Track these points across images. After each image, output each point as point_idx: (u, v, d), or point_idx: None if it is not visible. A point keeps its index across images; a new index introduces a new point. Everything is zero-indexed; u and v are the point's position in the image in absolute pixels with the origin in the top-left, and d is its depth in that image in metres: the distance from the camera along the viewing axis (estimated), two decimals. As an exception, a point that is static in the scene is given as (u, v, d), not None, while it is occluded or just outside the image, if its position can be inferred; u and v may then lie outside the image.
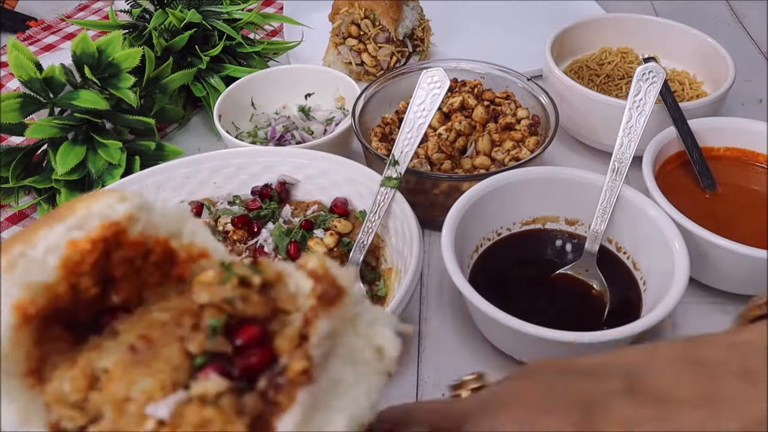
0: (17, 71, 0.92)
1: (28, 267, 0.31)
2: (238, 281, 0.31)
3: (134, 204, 0.34)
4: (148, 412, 0.28)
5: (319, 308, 0.31)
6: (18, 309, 0.30)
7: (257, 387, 0.30)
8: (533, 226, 0.87)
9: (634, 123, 0.84)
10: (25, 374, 0.31)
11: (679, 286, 0.69)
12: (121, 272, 0.33)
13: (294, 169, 0.90)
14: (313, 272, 0.32)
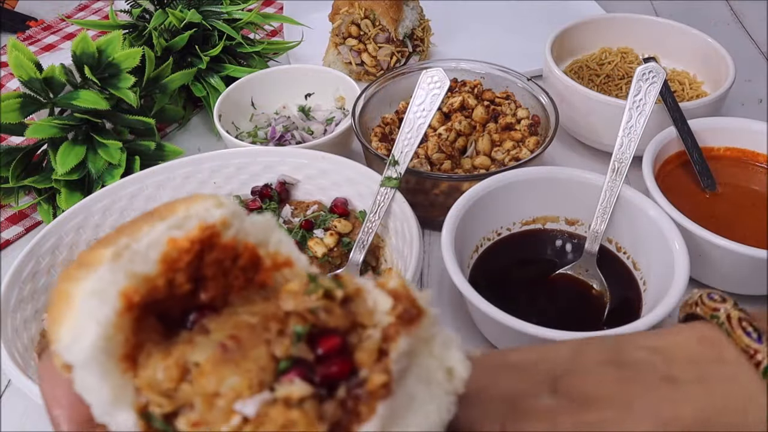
0: (17, 71, 0.92)
1: (132, 258, 0.33)
2: (323, 293, 0.33)
3: (229, 210, 0.36)
4: (236, 409, 0.30)
5: (400, 326, 0.32)
6: (123, 296, 0.32)
7: (337, 395, 0.31)
8: (533, 226, 0.87)
9: (634, 123, 0.84)
10: (121, 358, 0.32)
11: (679, 286, 0.69)
12: (211, 273, 0.35)
13: (294, 169, 0.90)
14: (393, 291, 0.34)
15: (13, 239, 0.96)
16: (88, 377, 0.32)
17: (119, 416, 0.32)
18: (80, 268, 0.33)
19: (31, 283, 0.78)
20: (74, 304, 0.32)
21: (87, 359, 0.31)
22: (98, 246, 0.34)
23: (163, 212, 0.35)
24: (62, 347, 0.32)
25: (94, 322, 0.31)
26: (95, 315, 0.31)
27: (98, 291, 0.32)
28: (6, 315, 0.72)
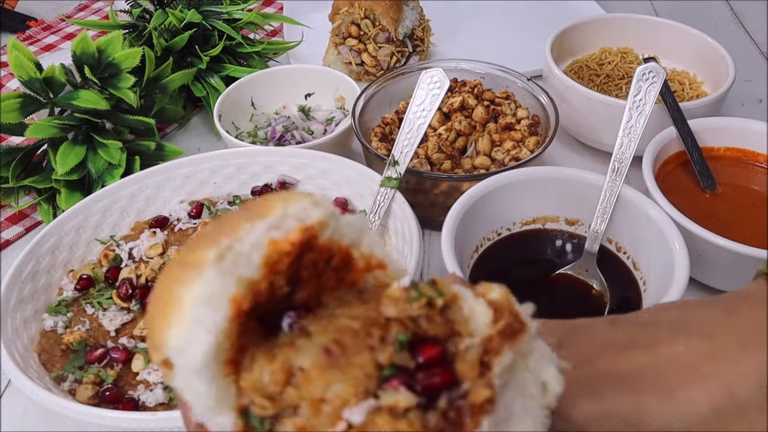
0: (17, 71, 0.92)
1: (236, 261, 0.33)
2: (425, 302, 0.33)
3: (326, 211, 0.35)
4: (344, 416, 0.30)
5: (503, 340, 0.33)
6: (234, 302, 0.32)
7: (438, 406, 0.31)
8: (533, 226, 0.87)
9: (634, 123, 0.84)
10: (226, 362, 0.33)
11: (679, 286, 0.69)
12: (308, 273, 0.35)
13: (294, 169, 0.90)
14: (495, 303, 0.34)
15: (13, 239, 0.96)
16: (197, 382, 0.32)
17: (218, 418, 0.33)
18: (184, 268, 0.33)
19: (31, 283, 0.78)
20: (184, 307, 0.32)
21: (199, 367, 0.32)
22: (198, 245, 0.34)
23: (260, 210, 0.35)
24: (172, 351, 0.32)
25: (206, 331, 0.31)
26: (207, 323, 0.31)
27: (209, 298, 0.32)
28: (6, 315, 0.72)
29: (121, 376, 0.71)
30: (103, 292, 0.79)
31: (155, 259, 0.82)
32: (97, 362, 0.72)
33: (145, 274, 0.80)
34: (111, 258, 0.83)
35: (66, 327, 0.76)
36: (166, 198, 0.90)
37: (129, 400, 0.68)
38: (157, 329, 0.33)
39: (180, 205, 0.89)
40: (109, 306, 0.78)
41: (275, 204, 0.35)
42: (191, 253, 0.34)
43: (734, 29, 1.39)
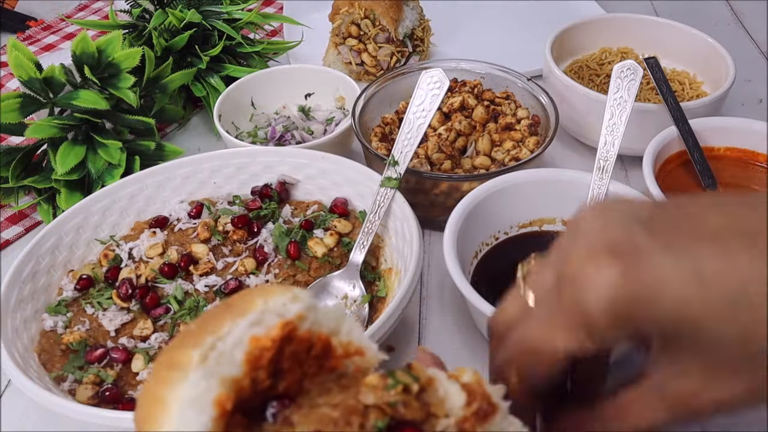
0: (17, 71, 0.92)
1: (219, 360, 0.35)
2: (401, 389, 0.35)
3: (305, 305, 0.38)
4: None
5: (475, 422, 0.35)
6: (218, 404, 0.34)
7: None
8: (530, 229, 0.87)
9: (616, 120, 0.84)
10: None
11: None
12: (289, 364, 0.37)
13: (294, 169, 0.90)
14: (468, 387, 0.36)
15: (12, 239, 0.96)
16: None
17: None
18: (170, 369, 0.35)
19: (31, 283, 0.78)
20: (170, 410, 0.33)
21: None
22: (183, 344, 0.36)
23: (240, 306, 0.37)
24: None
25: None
26: (193, 425, 0.33)
27: (194, 400, 0.33)
28: (6, 315, 0.72)
29: (121, 376, 0.71)
30: (103, 292, 0.79)
31: (155, 259, 0.82)
32: (97, 362, 0.72)
33: (145, 274, 0.80)
34: (111, 258, 0.83)
35: (66, 327, 0.76)
36: (166, 198, 0.90)
37: (129, 400, 0.68)
38: (145, 426, 0.35)
39: (180, 205, 0.89)
40: (109, 306, 0.78)
41: (256, 300, 0.37)
42: (177, 352, 0.35)
43: (734, 29, 1.39)
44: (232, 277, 0.78)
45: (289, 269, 0.81)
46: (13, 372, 0.65)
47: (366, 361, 0.40)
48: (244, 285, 0.78)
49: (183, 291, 0.78)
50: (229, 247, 0.84)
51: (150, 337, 0.74)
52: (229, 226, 0.85)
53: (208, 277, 0.80)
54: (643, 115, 0.95)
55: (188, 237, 0.85)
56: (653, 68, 0.99)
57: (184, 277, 0.80)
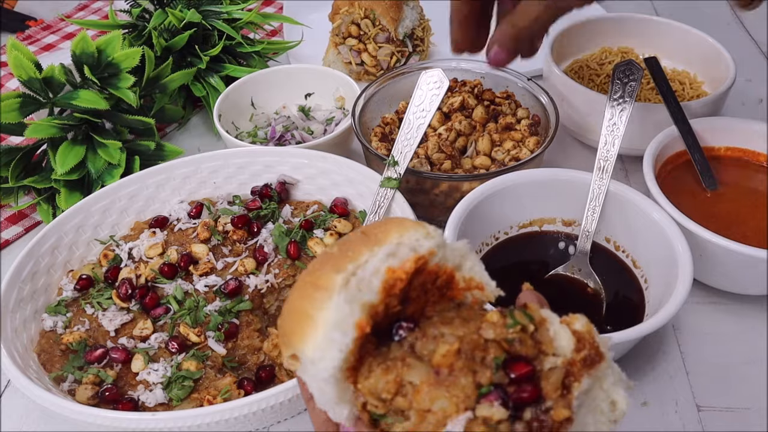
0: (17, 71, 0.91)
1: (360, 287, 0.40)
2: (519, 328, 0.39)
3: (437, 242, 0.42)
4: (447, 429, 0.37)
5: (583, 368, 0.39)
6: (359, 327, 0.39)
7: (524, 417, 0.37)
8: (530, 229, 0.87)
9: (616, 120, 0.84)
10: (348, 370, 0.40)
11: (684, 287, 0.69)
12: (416, 293, 0.42)
13: (294, 169, 0.90)
14: (578, 333, 0.40)
15: (12, 239, 0.96)
16: (324, 385, 0.40)
17: (337, 408, 0.41)
18: (316, 290, 0.40)
19: (31, 283, 0.78)
20: (318, 329, 0.39)
21: (328, 377, 0.39)
22: (327, 267, 0.41)
23: (378, 236, 0.42)
24: (306, 358, 0.40)
25: (337, 350, 0.39)
26: (338, 344, 0.39)
27: (339, 323, 0.39)
28: (6, 315, 0.72)
29: (120, 376, 0.71)
30: (102, 292, 0.79)
31: (155, 259, 0.82)
32: (97, 362, 0.72)
33: (145, 274, 0.80)
34: (111, 258, 0.83)
35: (66, 327, 0.76)
36: (165, 198, 0.90)
37: (128, 400, 0.68)
38: (294, 337, 0.40)
39: (180, 205, 0.89)
40: (109, 306, 0.78)
41: (392, 232, 0.42)
42: (321, 274, 0.41)
43: (734, 29, 1.39)
44: (232, 277, 0.78)
45: (289, 269, 0.81)
46: (13, 372, 0.65)
47: (484, 295, 0.44)
48: (244, 285, 0.78)
49: (183, 291, 0.78)
50: (229, 247, 0.84)
51: (150, 337, 0.74)
52: (229, 226, 0.84)
53: (208, 277, 0.80)
54: (643, 115, 0.95)
55: (188, 237, 0.85)
56: (653, 68, 0.99)
57: (184, 277, 0.80)
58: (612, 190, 0.81)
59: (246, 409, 0.61)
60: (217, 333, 0.73)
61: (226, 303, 0.76)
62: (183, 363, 0.70)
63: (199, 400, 0.68)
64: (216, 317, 0.74)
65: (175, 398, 0.68)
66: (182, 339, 0.73)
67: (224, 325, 0.74)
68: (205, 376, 0.70)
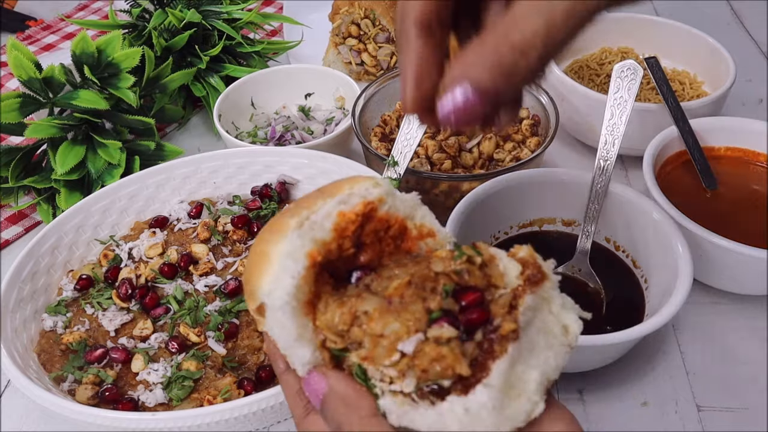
0: (17, 71, 0.91)
1: (312, 227, 0.42)
2: (465, 259, 0.41)
3: (384, 190, 0.45)
4: (398, 348, 0.39)
5: (527, 286, 0.41)
6: (310, 256, 0.41)
7: (475, 338, 0.39)
8: (530, 229, 0.87)
9: (616, 120, 0.84)
10: (305, 304, 0.42)
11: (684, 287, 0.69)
12: (369, 240, 0.44)
13: (294, 169, 0.90)
14: (522, 259, 0.42)
15: (12, 239, 0.96)
16: (282, 317, 0.41)
17: (299, 350, 0.42)
18: (272, 233, 0.43)
19: (31, 283, 0.77)
20: (272, 261, 0.42)
21: (283, 303, 0.41)
22: (283, 215, 0.44)
23: (331, 190, 0.44)
24: (263, 294, 0.42)
25: (289, 276, 0.41)
26: (290, 271, 0.41)
27: (291, 252, 0.41)
28: (6, 315, 0.72)
29: (120, 377, 0.71)
30: (102, 292, 0.79)
31: (155, 259, 0.82)
32: (97, 362, 0.72)
33: (145, 274, 0.80)
34: (111, 258, 0.83)
35: (66, 327, 0.76)
36: (165, 198, 0.89)
37: (128, 400, 0.68)
38: (253, 279, 0.43)
39: (180, 205, 0.89)
40: (109, 306, 0.78)
41: (344, 185, 0.45)
42: (278, 221, 0.43)
43: (734, 29, 1.39)
44: (232, 277, 0.78)
45: (289, 269, 0.80)
46: (13, 372, 0.65)
47: (437, 243, 0.46)
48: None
49: (183, 291, 0.78)
50: (229, 247, 0.84)
51: (150, 337, 0.74)
52: (229, 226, 0.84)
53: (208, 277, 0.79)
54: (643, 115, 0.95)
55: (188, 237, 0.85)
56: (653, 68, 0.99)
57: (184, 277, 0.80)
58: (612, 190, 0.81)
59: (246, 409, 0.61)
60: (217, 333, 0.73)
61: (226, 303, 0.76)
62: (183, 363, 0.70)
63: (199, 400, 0.68)
64: (216, 317, 0.74)
65: (175, 398, 0.68)
66: (182, 339, 0.73)
67: (224, 325, 0.74)
68: (205, 376, 0.70)
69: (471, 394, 0.38)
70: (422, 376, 0.38)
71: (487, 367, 0.38)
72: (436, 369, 0.38)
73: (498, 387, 0.38)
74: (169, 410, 0.67)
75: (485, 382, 0.38)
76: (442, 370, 0.38)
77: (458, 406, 0.38)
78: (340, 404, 0.41)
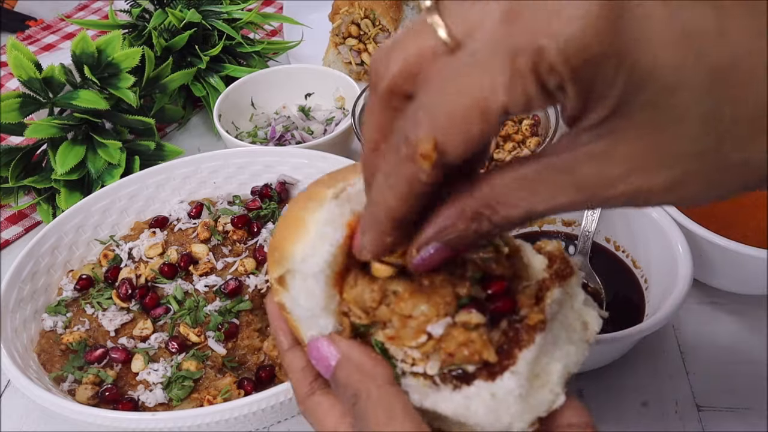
0: (17, 71, 0.91)
1: (350, 198, 0.42)
2: (493, 249, 0.41)
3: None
4: (427, 329, 0.39)
5: (555, 279, 0.41)
6: (349, 226, 0.41)
7: (501, 326, 0.40)
8: (530, 229, 0.87)
9: None
10: (337, 275, 0.41)
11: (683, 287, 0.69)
12: None
13: (294, 169, 0.90)
14: (550, 253, 0.43)
15: (12, 239, 0.96)
16: (313, 285, 0.41)
17: (322, 320, 0.42)
18: (308, 200, 0.42)
19: (31, 283, 0.77)
20: (309, 227, 0.41)
21: (318, 271, 0.40)
22: (319, 186, 0.43)
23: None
24: (296, 260, 0.41)
25: (328, 244, 0.40)
26: (329, 239, 0.40)
27: (330, 220, 0.41)
28: (6, 315, 0.72)
29: (120, 377, 0.71)
30: (102, 292, 0.79)
31: (155, 259, 0.82)
32: (97, 362, 0.72)
33: (145, 274, 0.80)
34: (111, 258, 0.83)
35: (65, 327, 0.76)
36: (165, 198, 0.90)
37: (128, 400, 0.68)
38: (285, 245, 0.41)
39: (180, 205, 0.89)
40: (109, 306, 0.78)
41: None
42: (314, 190, 0.43)
43: (734, 29, 1.39)
44: (232, 277, 0.78)
45: (289, 269, 0.81)
46: (13, 372, 0.65)
47: None
48: (244, 285, 0.78)
49: (183, 291, 0.78)
50: (229, 247, 0.84)
51: (150, 337, 0.74)
52: (229, 226, 0.84)
53: (208, 277, 0.79)
54: (643, 115, 0.95)
55: (188, 237, 0.85)
56: (653, 68, 0.99)
57: (184, 277, 0.80)
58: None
59: (246, 409, 0.61)
60: (217, 333, 0.73)
61: (226, 303, 0.76)
62: (183, 363, 0.70)
63: (199, 400, 0.68)
64: (216, 317, 0.74)
65: (175, 398, 0.68)
66: (182, 339, 0.73)
67: (224, 325, 0.74)
68: (205, 376, 0.70)
69: (498, 380, 0.38)
70: (447, 359, 0.39)
71: (514, 355, 0.39)
72: (463, 353, 0.38)
73: (525, 375, 0.38)
74: (169, 410, 0.67)
75: (512, 369, 0.38)
76: (469, 355, 0.38)
77: (485, 391, 0.38)
78: (354, 371, 0.39)
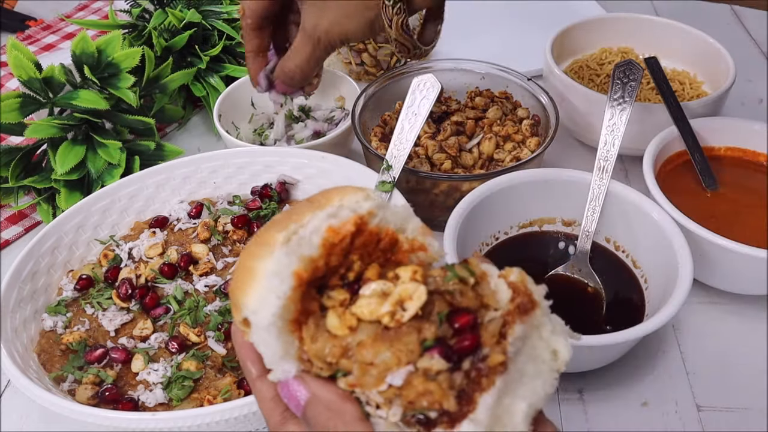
0: (17, 71, 0.91)
1: (300, 242, 0.41)
2: (458, 279, 0.41)
3: (376, 203, 0.43)
4: (387, 380, 0.38)
5: (517, 315, 0.40)
6: (296, 275, 0.40)
7: (463, 367, 0.38)
8: (530, 229, 0.87)
9: (616, 120, 0.84)
10: (291, 322, 0.41)
11: (684, 287, 0.69)
12: (359, 253, 0.43)
13: (294, 169, 0.90)
14: (513, 284, 0.41)
15: (12, 239, 0.96)
16: (267, 336, 0.40)
17: (284, 365, 0.41)
18: (259, 246, 0.42)
19: (31, 283, 0.77)
20: (258, 278, 0.40)
21: (269, 324, 0.40)
22: (271, 228, 0.42)
23: (321, 201, 0.43)
24: (249, 312, 0.41)
25: (275, 296, 0.40)
26: (276, 291, 0.40)
27: (278, 271, 0.40)
28: (6, 315, 0.72)
29: (120, 377, 0.71)
30: (102, 292, 0.79)
31: (155, 259, 0.82)
32: (97, 362, 0.72)
33: (145, 274, 0.80)
34: (111, 258, 0.83)
35: (65, 327, 0.76)
36: (165, 198, 0.90)
37: (129, 401, 0.68)
38: (238, 294, 0.42)
39: (180, 205, 0.89)
40: (109, 306, 0.78)
41: (334, 197, 0.43)
42: (266, 234, 0.42)
43: (734, 29, 1.39)
44: (232, 278, 0.78)
45: (289, 269, 0.80)
46: (13, 372, 0.65)
47: (429, 257, 0.45)
48: (244, 285, 0.78)
49: (183, 291, 0.78)
50: (229, 247, 0.84)
51: (150, 337, 0.74)
52: (229, 226, 0.84)
53: (207, 277, 0.80)
54: (643, 115, 0.95)
55: (188, 237, 0.85)
56: (653, 68, 0.99)
57: (184, 277, 0.80)
58: (612, 190, 0.81)
59: (246, 409, 0.61)
60: (217, 333, 0.73)
61: (226, 303, 0.76)
62: (183, 363, 0.70)
63: (199, 400, 0.68)
64: (216, 317, 0.74)
65: (175, 398, 0.68)
66: (182, 339, 0.73)
67: (224, 325, 0.74)
68: (205, 376, 0.70)
69: (458, 427, 0.37)
70: (408, 406, 0.38)
71: (474, 400, 0.38)
72: (422, 403, 0.38)
73: (484, 422, 0.38)
74: (169, 410, 0.67)
75: (471, 417, 0.37)
76: (429, 405, 0.38)
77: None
78: (323, 410, 0.40)
